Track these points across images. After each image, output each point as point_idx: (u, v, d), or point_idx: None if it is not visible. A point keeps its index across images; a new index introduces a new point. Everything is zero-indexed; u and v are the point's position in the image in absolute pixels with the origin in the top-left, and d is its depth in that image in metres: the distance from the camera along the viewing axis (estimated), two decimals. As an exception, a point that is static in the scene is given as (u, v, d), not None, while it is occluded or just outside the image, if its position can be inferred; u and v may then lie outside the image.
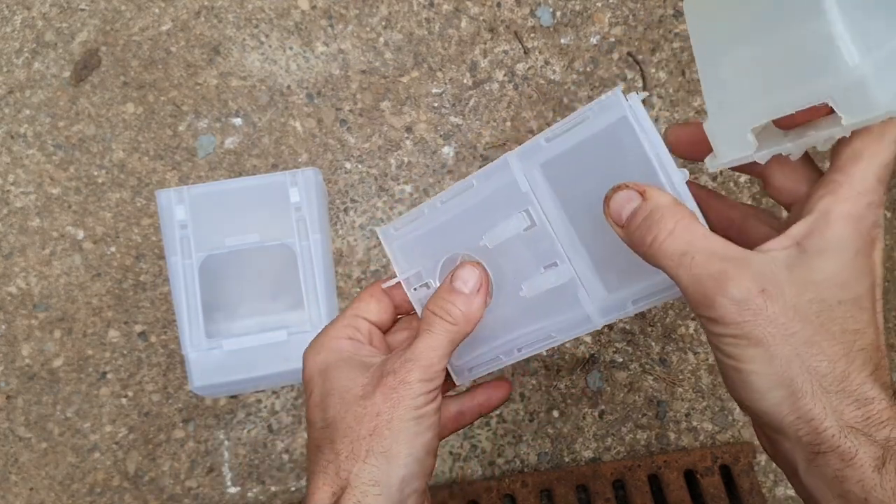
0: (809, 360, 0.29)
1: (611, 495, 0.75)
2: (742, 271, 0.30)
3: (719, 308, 0.30)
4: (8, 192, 0.85)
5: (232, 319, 0.72)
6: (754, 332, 0.29)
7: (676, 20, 0.90)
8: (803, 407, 0.29)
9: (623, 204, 0.33)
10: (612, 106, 0.36)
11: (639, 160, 0.35)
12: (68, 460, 0.79)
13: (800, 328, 0.29)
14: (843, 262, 0.30)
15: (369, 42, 0.89)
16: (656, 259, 0.32)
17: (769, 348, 0.29)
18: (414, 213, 0.44)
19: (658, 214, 0.32)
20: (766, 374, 0.30)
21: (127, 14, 0.89)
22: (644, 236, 0.32)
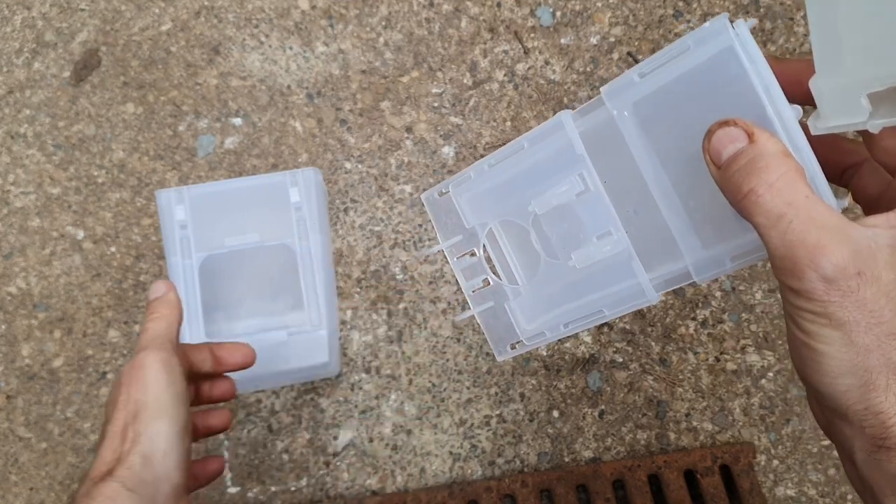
0: (892, 352, 0.27)
1: (611, 495, 0.75)
2: (840, 246, 0.27)
3: (807, 282, 0.27)
4: (8, 191, 0.84)
5: (232, 319, 0.72)
6: (838, 314, 0.27)
7: (676, 20, 0.90)
8: (873, 399, 0.27)
9: (725, 142, 0.30)
10: (717, 34, 0.31)
11: (746, 96, 0.31)
12: (68, 460, 0.79)
13: (890, 317, 0.27)
14: None
15: (369, 42, 0.89)
16: (749, 213, 0.29)
17: (850, 333, 0.27)
18: (460, 176, 0.41)
19: (762, 163, 0.29)
20: (841, 358, 0.28)
21: (127, 14, 0.89)
22: (741, 184, 0.29)
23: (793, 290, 0.28)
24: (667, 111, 0.34)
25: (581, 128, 0.37)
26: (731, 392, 0.81)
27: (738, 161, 0.29)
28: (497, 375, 0.80)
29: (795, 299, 0.28)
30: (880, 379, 0.27)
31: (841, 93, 0.29)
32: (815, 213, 0.28)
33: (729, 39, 0.31)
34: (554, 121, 0.37)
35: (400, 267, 0.82)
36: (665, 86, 0.34)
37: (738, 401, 0.80)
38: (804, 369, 0.29)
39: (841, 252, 0.27)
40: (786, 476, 0.79)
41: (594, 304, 0.38)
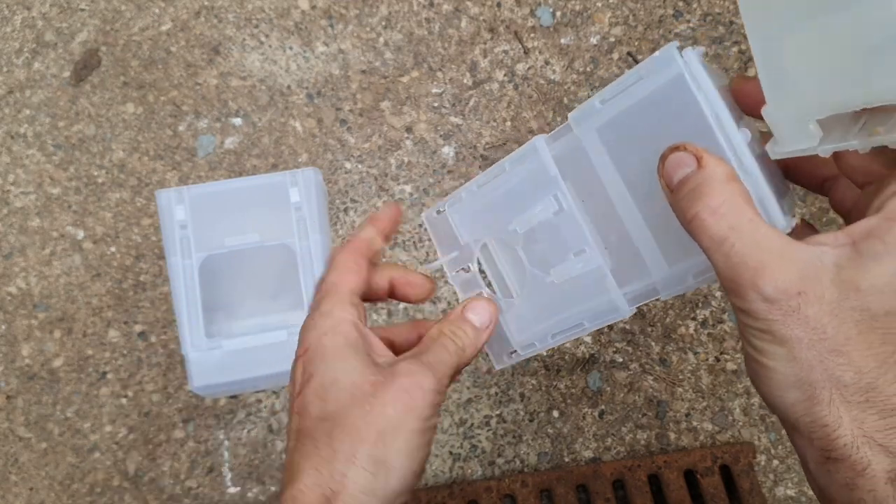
0: (834, 368, 0.28)
1: (611, 495, 0.75)
2: (782, 267, 0.28)
3: (750, 302, 0.28)
4: (8, 192, 0.84)
5: (232, 319, 0.72)
6: (781, 332, 0.28)
7: (676, 20, 0.90)
8: (818, 413, 0.28)
9: (676, 167, 0.31)
10: (667, 63, 0.33)
11: (698, 121, 0.32)
12: (68, 460, 0.79)
13: (832, 335, 0.28)
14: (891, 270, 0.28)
15: (369, 42, 0.89)
16: (696, 236, 0.30)
17: (793, 350, 0.28)
18: (453, 197, 0.43)
19: (707, 187, 0.29)
20: (785, 373, 0.29)
21: (127, 14, 0.89)
22: (688, 208, 0.30)
23: (739, 309, 0.29)
24: (628, 136, 0.36)
25: (554, 151, 0.39)
26: (731, 392, 0.81)
27: (686, 185, 0.30)
28: (497, 376, 0.80)
29: (743, 317, 0.30)
30: (823, 393, 0.28)
31: (791, 120, 0.30)
32: (759, 236, 0.29)
33: (678, 68, 0.33)
34: (528, 145, 0.39)
35: (400, 267, 0.83)
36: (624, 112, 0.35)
37: (738, 401, 0.80)
38: (756, 383, 0.31)
39: (782, 273, 0.28)
40: (786, 476, 0.79)
41: (575, 318, 0.40)
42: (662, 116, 0.34)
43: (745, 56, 0.90)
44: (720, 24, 0.91)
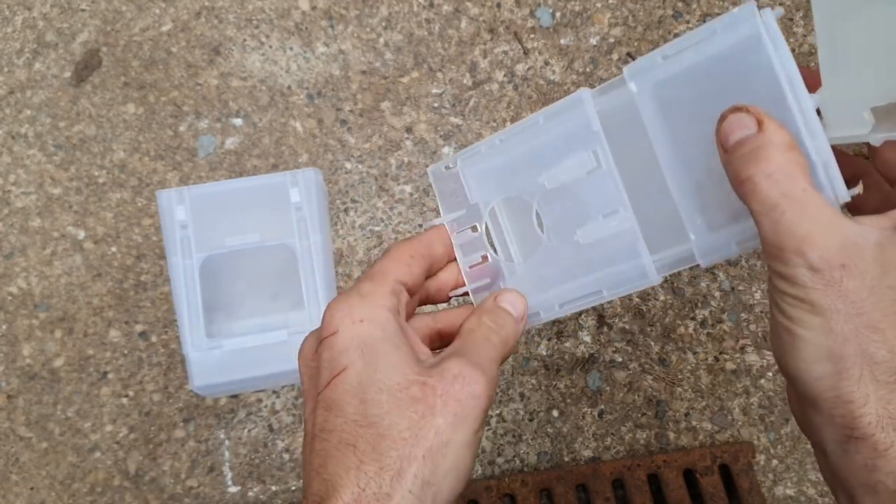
0: (868, 344, 0.28)
1: (610, 494, 0.75)
2: (828, 238, 0.28)
3: (793, 267, 0.28)
4: (9, 192, 0.85)
5: (232, 319, 0.72)
6: (821, 301, 0.28)
7: (676, 20, 0.91)
8: (845, 388, 0.28)
9: (735, 127, 0.30)
10: (745, 20, 0.32)
11: (768, 84, 0.32)
12: (69, 460, 0.79)
13: (869, 310, 0.28)
14: None
15: (369, 43, 0.89)
16: (747, 199, 0.30)
17: (830, 321, 0.28)
18: (469, 150, 0.41)
19: (765, 152, 0.29)
20: (818, 344, 0.28)
21: (128, 14, 0.89)
22: (742, 170, 0.30)
23: (779, 275, 0.29)
24: (687, 94, 0.34)
25: (599, 106, 0.37)
26: (731, 392, 0.81)
27: (744, 147, 0.30)
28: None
29: (781, 283, 0.29)
30: (854, 369, 0.28)
31: (845, 105, 0.30)
32: (810, 207, 0.28)
33: (756, 26, 0.32)
34: (573, 97, 0.37)
35: (400, 267, 0.83)
36: (688, 68, 0.34)
37: (737, 400, 0.81)
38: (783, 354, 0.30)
39: (828, 244, 0.28)
40: (785, 475, 0.79)
41: (593, 285, 0.38)
42: (730, 76, 0.33)
43: (745, 56, 0.90)
44: (719, 24, 0.91)
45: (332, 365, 0.30)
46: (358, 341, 0.31)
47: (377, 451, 0.28)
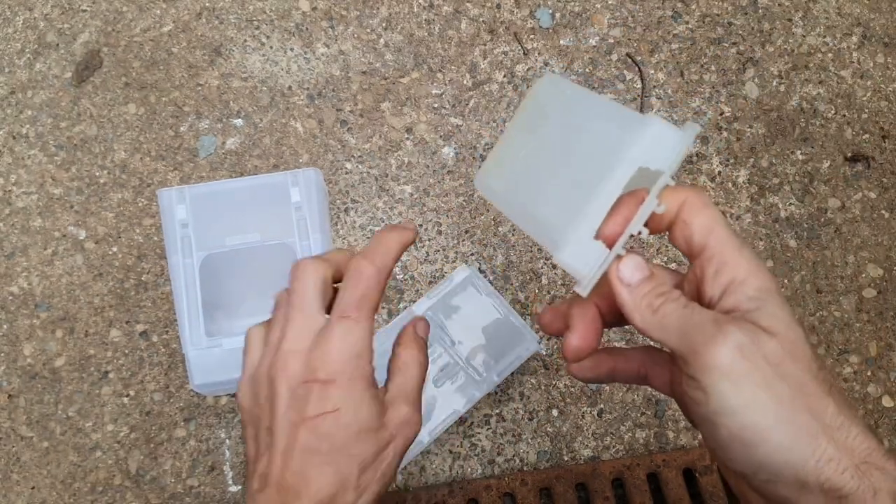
0: (808, 401, 0.28)
1: (610, 494, 0.76)
2: (736, 321, 0.30)
3: (723, 355, 0.29)
4: (10, 192, 0.85)
5: (232, 318, 0.72)
6: (759, 376, 0.28)
7: (675, 21, 0.91)
8: (819, 450, 0.27)
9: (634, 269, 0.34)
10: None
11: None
12: (70, 459, 0.79)
13: (791, 370, 0.29)
14: (779, 306, 0.30)
15: (370, 43, 0.89)
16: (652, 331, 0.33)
17: (775, 392, 0.28)
18: None
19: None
20: (778, 423, 0.28)
21: (128, 15, 0.90)
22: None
23: (705, 367, 0.30)
24: None
25: None
26: (730, 391, 0.81)
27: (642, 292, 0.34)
28: (497, 375, 0.81)
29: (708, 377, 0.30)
30: (813, 426, 0.28)
31: (576, 250, 0.33)
32: (695, 319, 0.32)
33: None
34: None
35: (400, 266, 0.83)
36: None
37: (736, 400, 0.81)
38: (754, 457, 0.29)
39: (724, 340, 0.29)
40: None
41: None
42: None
43: (744, 57, 0.91)
44: (719, 25, 0.91)
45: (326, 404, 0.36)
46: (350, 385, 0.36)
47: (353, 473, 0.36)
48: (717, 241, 0.32)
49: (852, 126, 0.89)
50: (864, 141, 0.89)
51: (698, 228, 0.32)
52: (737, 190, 0.87)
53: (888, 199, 0.87)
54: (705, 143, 0.88)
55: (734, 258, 0.31)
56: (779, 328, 0.30)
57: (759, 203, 0.86)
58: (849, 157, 0.88)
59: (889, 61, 0.91)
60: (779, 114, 0.89)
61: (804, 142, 0.88)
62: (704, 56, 0.90)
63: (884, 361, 0.83)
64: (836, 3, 0.93)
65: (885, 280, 0.85)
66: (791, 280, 0.85)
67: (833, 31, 0.92)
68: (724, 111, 0.89)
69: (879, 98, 0.90)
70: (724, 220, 0.33)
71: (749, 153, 0.88)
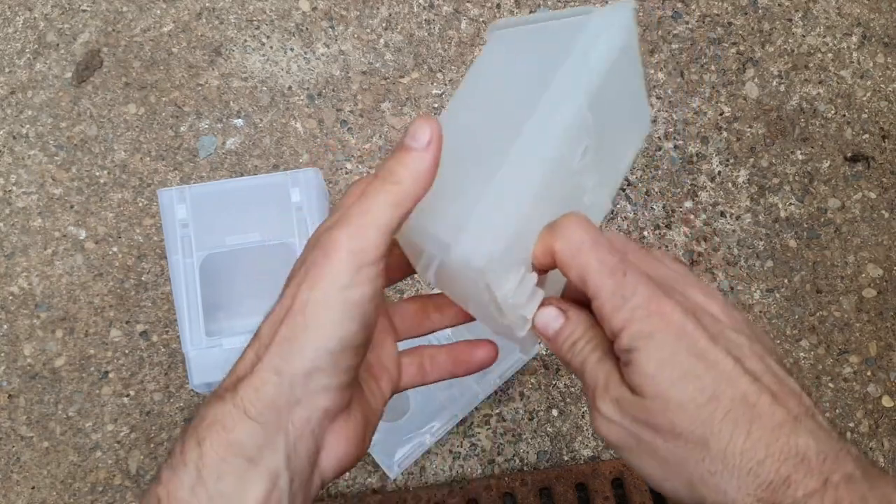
0: (683, 453, 0.28)
1: (609, 494, 0.76)
2: (605, 389, 0.31)
3: (598, 420, 0.31)
4: (10, 192, 0.85)
5: (232, 318, 0.72)
6: (632, 440, 0.30)
7: (675, 21, 0.91)
8: (709, 496, 0.28)
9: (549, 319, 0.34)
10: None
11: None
12: (70, 459, 0.79)
13: (658, 429, 0.29)
14: (648, 353, 0.29)
15: (370, 43, 0.89)
16: None
17: (650, 449, 0.29)
18: None
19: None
20: (664, 475, 0.29)
21: (129, 15, 0.90)
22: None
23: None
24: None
25: None
26: (730, 391, 0.81)
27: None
28: (497, 375, 0.81)
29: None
30: (696, 473, 0.28)
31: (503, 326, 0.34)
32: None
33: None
34: None
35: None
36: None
37: (736, 400, 0.81)
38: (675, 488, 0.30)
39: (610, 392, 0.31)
40: None
41: None
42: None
43: (744, 57, 0.91)
44: (719, 25, 0.91)
45: None
46: None
47: (261, 325, 0.32)
48: (593, 290, 0.31)
49: (852, 126, 0.89)
50: (864, 141, 0.89)
51: (574, 282, 0.31)
52: (737, 190, 0.87)
53: (888, 200, 0.87)
54: (705, 143, 0.88)
55: (610, 305, 0.30)
56: (644, 383, 0.29)
57: (759, 203, 0.86)
58: (849, 157, 0.88)
59: (889, 61, 0.91)
60: (779, 114, 0.89)
61: (804, 142, 0.89)
62: (704, 56, 0.90)
63: (884, 361, 0.83)
64: (835, 3, 0.93)
65: (885, 280, 0.85)
66: (791, 280, 0.85)
67: (833, 31, 0.92)
68: (723, 111, 0.89)
69: (879, 98, 0.90)
70: (591, 262, 0.31)
71: (749, 153, 0.88)
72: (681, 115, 0.88)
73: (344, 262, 0.29)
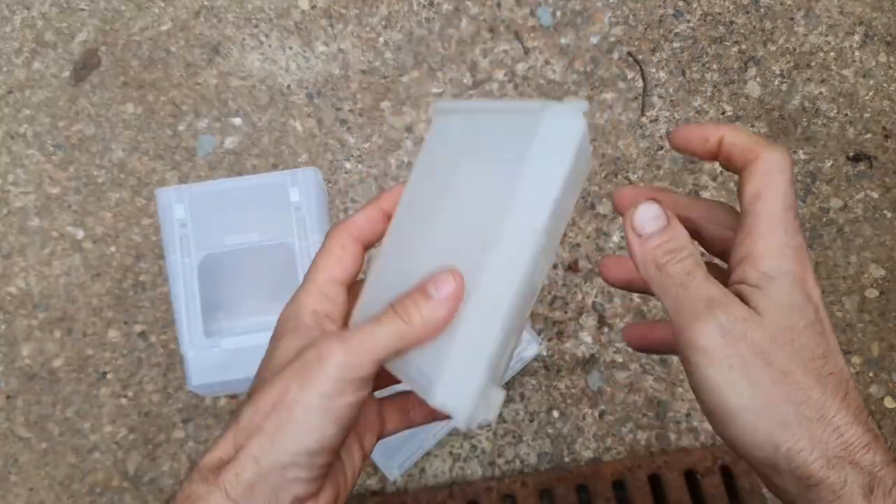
0: (789, 390, 0.29)
1: (611, 495, 0.75)
2: (727, 299, 0.30)
3: (706, 336, 0.30)
4: (7, 191, 0.85)
5: (231, 318, 0.72)
6: (738, 361, 0.29)
7: (677, 20, 0.90)
8: (786, 442, 0.29)
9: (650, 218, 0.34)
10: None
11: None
12: (68, 460, 0.79)
13: (775, 358, 0.29)
14: (790, 288, 0.30)
15: (369, 42, 0.89)
16: (653, 283, 0.33)
17: (752, 377, 0.29)
18: None
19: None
20: (754, 406, 0.29)
21: (127, 14, 0.89)
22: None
23: (695, 347, 0.30)
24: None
25: None
26: (732, 392, 0.81)
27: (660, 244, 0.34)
28: (497, 375, 0.80)
29: (698, 356, 0.30)
30: (790, 417, 0.29)
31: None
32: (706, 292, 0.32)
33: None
34: None
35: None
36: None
37: (738, 401, 0.80)
38: (730, 431, 0.31)
39: (729, 307, 0.30)
40: None
41: None
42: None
43: (746, 56, 0.90)
44: (720, 23, 0.91)
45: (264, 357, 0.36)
46: (276, 332, 0.36)
47: (242, 406, 0.33)
48: (757, 210, 0.31)
49: (854, 125, 0.89)
50: (867, 140, 0.88)
51: (748, 192, 0.32)
52: (738, 189, 0.86)
53: (891, 199, 0.87)
54: (707, 143, 0.87)
55: (763, 231, 0.31)
56: (773, 313, 0.30)
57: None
58: (851, 157, 0.88)
59: (891, 60, 0.91)
60: (781, 113, 0.89)
61: (806, 141, 0.88)
62: (706, 55, 0.90)
63: (886, 362, 0.82)
64: (837, 2, 0.92)
65: (888, 280, 0.85)
66: (793, 280, 0.84)
67: (835, 30, 0.91)
68: (725, 110, 0.88)
69: (882, 97, 0.90)
70: (779, 189, 0.31)
71: (751, 153, 0.87)
72: (682, 114, 0.88)
73: (333, 375, 0.31)
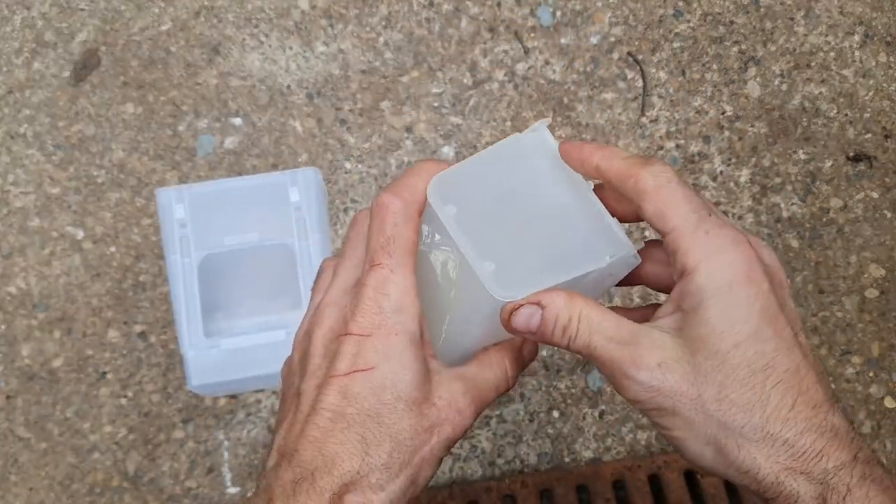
0: (722, 416, 0.29)
1: (611, 496, 0.75)
2: (636, 351, 0.30)
3: (629, 391, 0.30)
4: (7, 192, 0.84)
5: (231, 319, 0.72)
6: (665, 405, 0.29)
7: (677, 20, 0.90)
8: (736, 461, 0.29)
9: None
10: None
11: None
12: (68, 460, 0.79)
13: (703, 390, 0.29)
14: (720, 303, 0.29)
15: (369, 42, 0.89)
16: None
17: (683, 416, 0.29)
18: None
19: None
20: (691, 437, 0.30)
21: (127, 14, 0.89)
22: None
23: (629, 401, 0.31)
24: None
25: None
26: (732, 392, 0.80)
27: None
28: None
29: (636, 405, 0.31)
30: (730, 441, 0.29)
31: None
32: (610, 333, 0.31)
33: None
34: None
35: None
36: None
37: (738, 401, 0.80)
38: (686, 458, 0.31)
39: (638, 356, 0.30)
40: None
41: None
42: None
43: (746, 56, 0.90)
44: (720, 23, 0.91)
45: (358, 360, 0.31)
46: (387, 347, 0.31)
47: (383, 448, 0.30)
48: (669, 228, 0.30)
49: (854, 125, 0.89)
50: (867, 140, 0.88)
51: (652, 216, 0.30)
52: (739, 190, 0.86)
53: (891, 199, 0.87)
54: (707, 143, 0.87)
55: (689, 246, 0.29)
56: (703, 340, 0.29)
57: (761, 203, 0.86)
58: (851, 157, 0.88)
59: (891, 60, 0.91)
60: (781, 113, 0.89)
61: (806, 141, 0.88)
62: (706, 55, 0.90)
63: (886, 362, 0.82)
64: (837, 2, 0.92)
65: (888, 280, 0.85)
66: (793, 280, 0.84)
67: (835, 30, 0.91)
68: (725, 110, 0.88)
69: (882, 97, 0.90)
70: (675, 197, 0.30)
71: (751, 153, 0.87)
72: (682, 114, 0.88)
73: (465, 430, 0.33)
